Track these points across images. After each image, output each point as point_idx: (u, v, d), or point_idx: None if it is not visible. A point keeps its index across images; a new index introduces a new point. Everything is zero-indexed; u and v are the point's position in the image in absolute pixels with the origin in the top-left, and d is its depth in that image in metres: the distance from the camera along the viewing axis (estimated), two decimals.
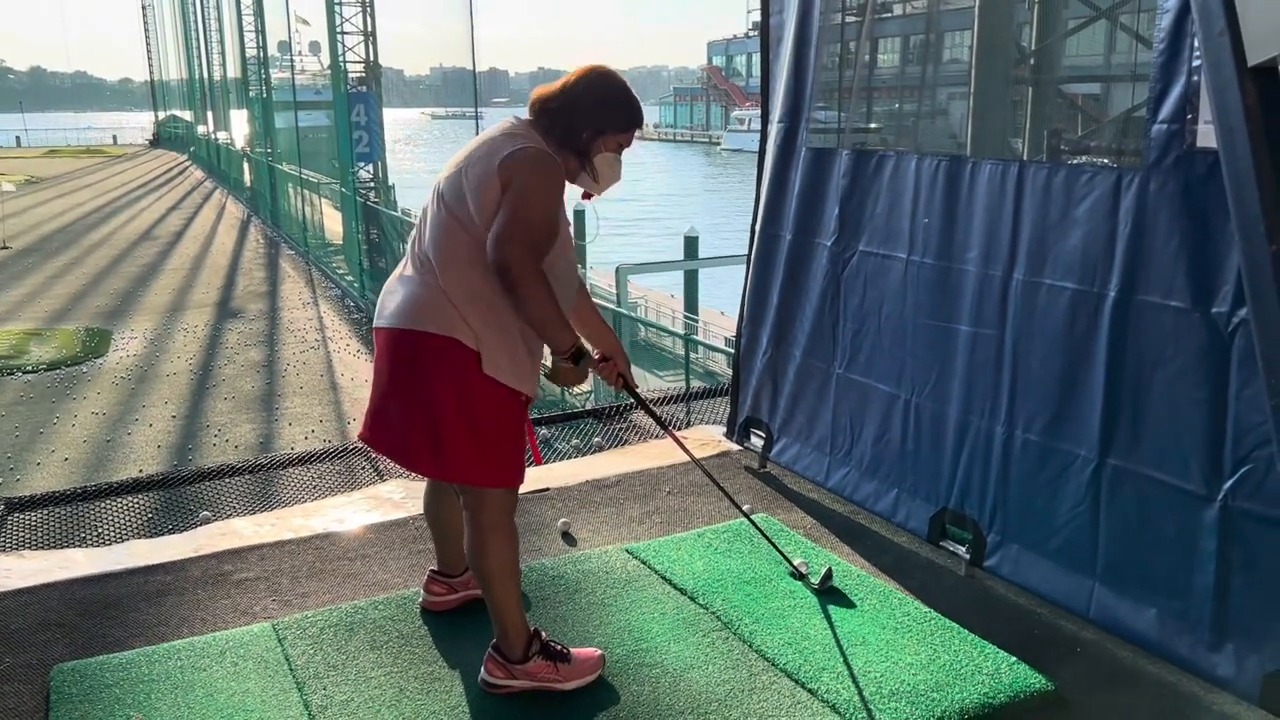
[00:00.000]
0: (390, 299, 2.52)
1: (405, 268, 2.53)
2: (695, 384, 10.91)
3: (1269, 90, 2.19)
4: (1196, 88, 2.44)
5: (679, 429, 5.02)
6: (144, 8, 65.00)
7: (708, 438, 4.53)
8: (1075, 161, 3.02)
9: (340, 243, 23.05)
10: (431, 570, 2.96)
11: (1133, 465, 2.68)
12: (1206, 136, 2.41)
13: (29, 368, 14.98)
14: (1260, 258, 2.19)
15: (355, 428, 12.63)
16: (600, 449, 4.87)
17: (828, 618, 2.91)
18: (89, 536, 3.89)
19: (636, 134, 2.61)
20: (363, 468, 4.71)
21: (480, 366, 2.40)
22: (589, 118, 2.47)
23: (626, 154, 2.61)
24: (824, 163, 3.74)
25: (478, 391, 2.42)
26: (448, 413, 2.42)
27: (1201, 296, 2.46)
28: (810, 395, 3.90)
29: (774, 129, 4.00)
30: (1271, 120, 2.19)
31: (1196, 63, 2.42)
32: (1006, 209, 2.98)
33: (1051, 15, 4.91)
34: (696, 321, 17.59)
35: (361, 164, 21.46)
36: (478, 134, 2.60)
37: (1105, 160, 4.04)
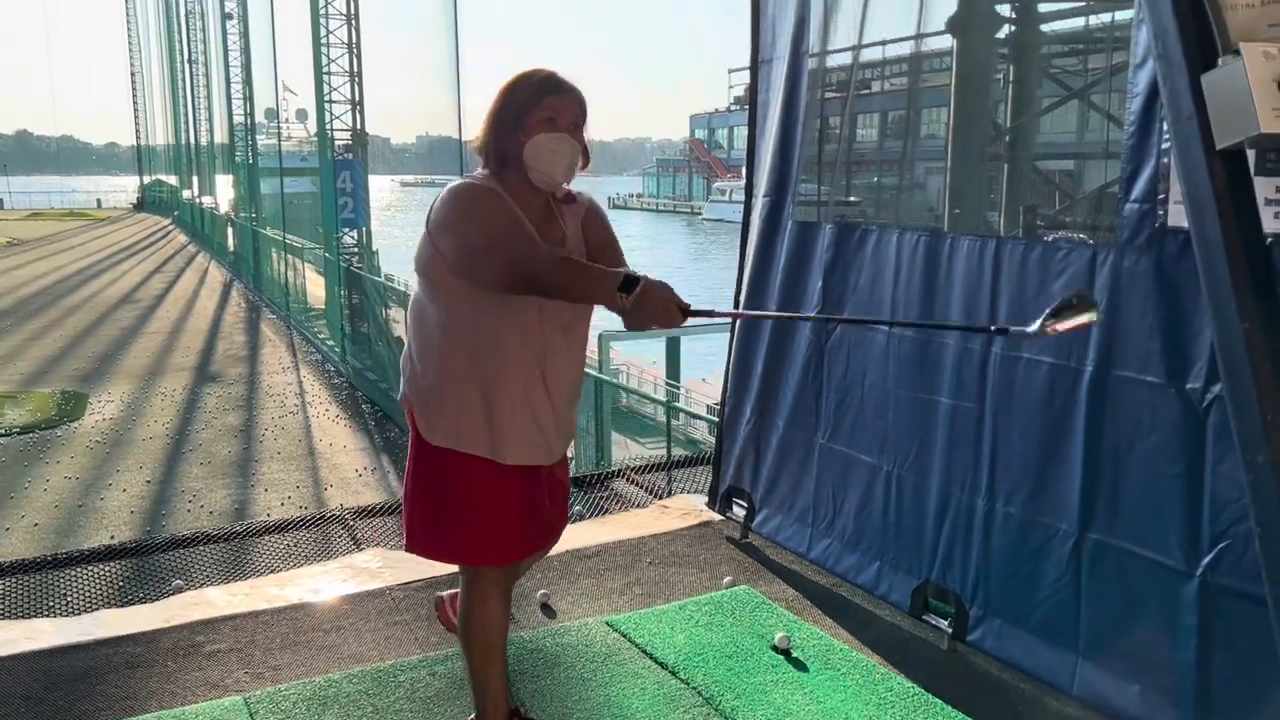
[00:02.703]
0: None
1: None
2: (677, 451, 10.89)
3: (1236, 172, 2.25)
4: (1166, 169, 2.50)
5: (661, 498, 5.00)
6: (133, 74, 65.68)
7: (690, 507, 4.51)
8: (1051, 238, 3.07)
9: (322, 307, 23.05)
10: None
11: (1113, 539, 2.68)
12: (1177, 216, 2.47)
13: (2, 431, 14.78)
14: (1233, 336, 2.22)
15: (332, 494, 12.48)
16: (581, 517, 4.84)
17: (810, 694, 2.88)
18: (57, 606, 3.82)
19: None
20: (339, 536, 4.66)
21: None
22: (504, 120, 2.26)
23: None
24: (808, 236, 3.79)
25: (431, 459, 2.34)
26: (409, 483, 2.41)
27: (1176, 372, 2.50)
28: (793, 465, 3.91)
29: (759, 203, 4.06)
30: (1240, 201, 2.25)
31: (1166, 144, 2.49)
32: (984, 283, 3.03)
33: (1026, 94, 5.05)
34: (678, 389, 17.60)
35: (346, 229, 21.57)
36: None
37: (1081, 235, 4.14)
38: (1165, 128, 2.47)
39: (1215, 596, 2.44)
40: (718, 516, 4.31)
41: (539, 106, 2.25)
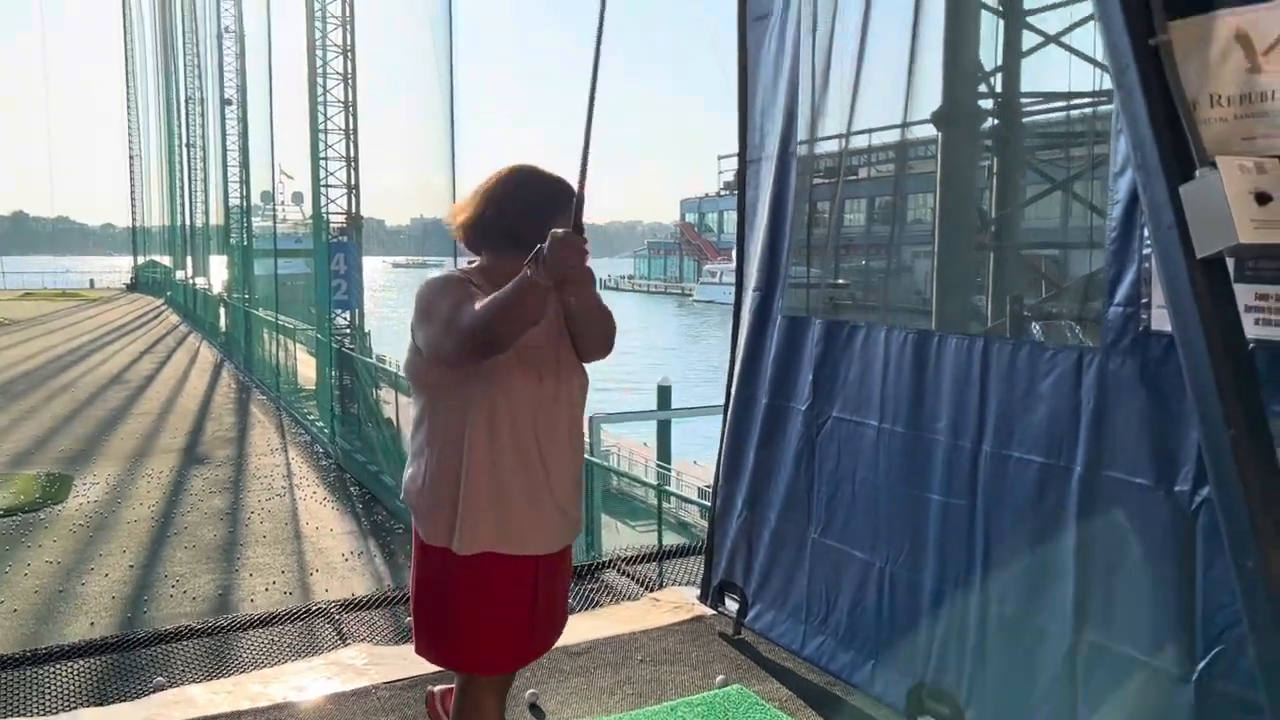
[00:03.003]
0: None
1: None
2: (669, 536, 10.80)
3: (1217, 280, 2.30)
4: (1148, 273, 2.56)
5: (652, 589, 4.95)
6: (131, 157, 66.65)
7: (681, 600, 4.47)
8: (1036, 334, 3.12)
9: (313, 388, 23.04)
10: None
11: (1108, 641, 2.67)
12: (1161, 320, 2.52)
13: None
14: (1219, 441, 2.24)
15: (318, 579, 12.31)
16: (571, 610, 4.77)
17: None
18: (37, 704, 3.73)
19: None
20: (324, 630, 4.59)
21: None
22: (533, 205, 2.30)
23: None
24: (798, 330, 3.84)
25: (432, 563, 2.34)
26: (414, 589, 2.40)
27: (1164, 474, 2.51)
28: (786, 560, 3.88)
29: (749, 296, 4.12)
30: (1221, 308, 2.29)
31: (1148, 250, 2.55)
32: (973, 382, 3.06)
33: (1010, 185, 5.17)
34: (669, 471, 17.54)
35: (339, 310, 21.70)
36: None
37: (1068, 322, 4.20)
38: (1146, 234, 2.53)
39: (1211, 701, 2.42)
40: (710, 611, 4.26)
41: (569, 211, 2.19)
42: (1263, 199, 2.21)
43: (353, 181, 21.98)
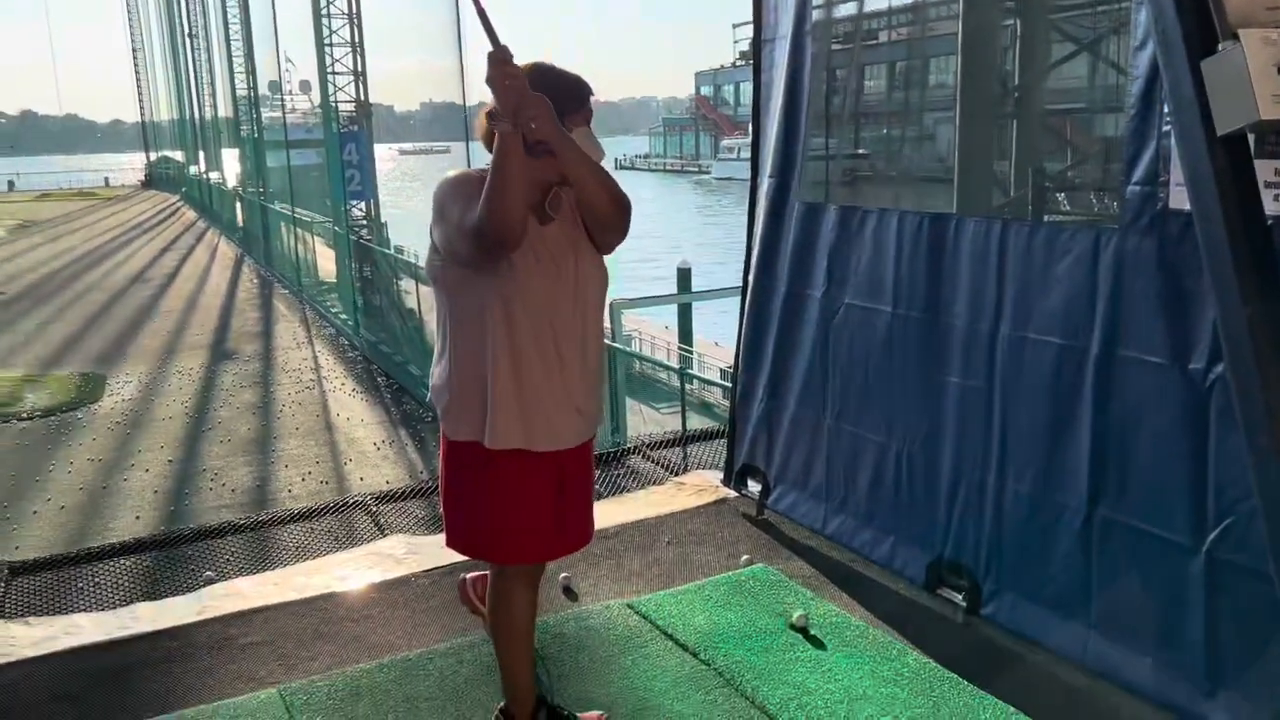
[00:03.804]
0: None
1: None
2: (693, 418, 10.95)
3: (1238, 156, 2.26)
4: (1167, 151, 2.52)
5: (677, 474, 5.07)
6: (134, 50, 65.35)
7: (705, 483, 4.58)
8: (1053, 218, 3.09)
9: (334, 281, 23.13)
10: None
11: (1120, 516, 2.74)
12: (1179, 198, 2.49)
13: (24, 415, 14.97)
14: (1236, 319, 2.25)
15: (352, 469, 12.64)
16: (600, 496, 4.92)
17: (829, 672, 2.95)
18: (93, 601, 3.92)
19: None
20: (363, 522, 4.75)
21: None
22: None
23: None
24: (814, 217, 3.82)
25: (460, 458, 2.40)
26: (443, 484, 2.48)
27: (1179, 353, 2.53)
28: (804, 444, 3.96)
29: (765, 183, 4.08)
30: (1241, 185, 2.27)
31: (1166, 127, 2.51)
32: (990, 265, 3.05)
33: (1033, 48, 5.01)
34: (691, 354, 17.65)
35: (354, 202, 21.58)
36: (468, 166, 2.55)
37: (1091, 192, 4.13)
38: (1166, 110, 2.49)
39: (1221, 572, 2.50)
40: (734, 493, 4.38)
41: (582, 111, 2.33)
42: None
43: (359, 68, 21.55)
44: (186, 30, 42.07)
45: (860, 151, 4.21)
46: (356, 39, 21.38)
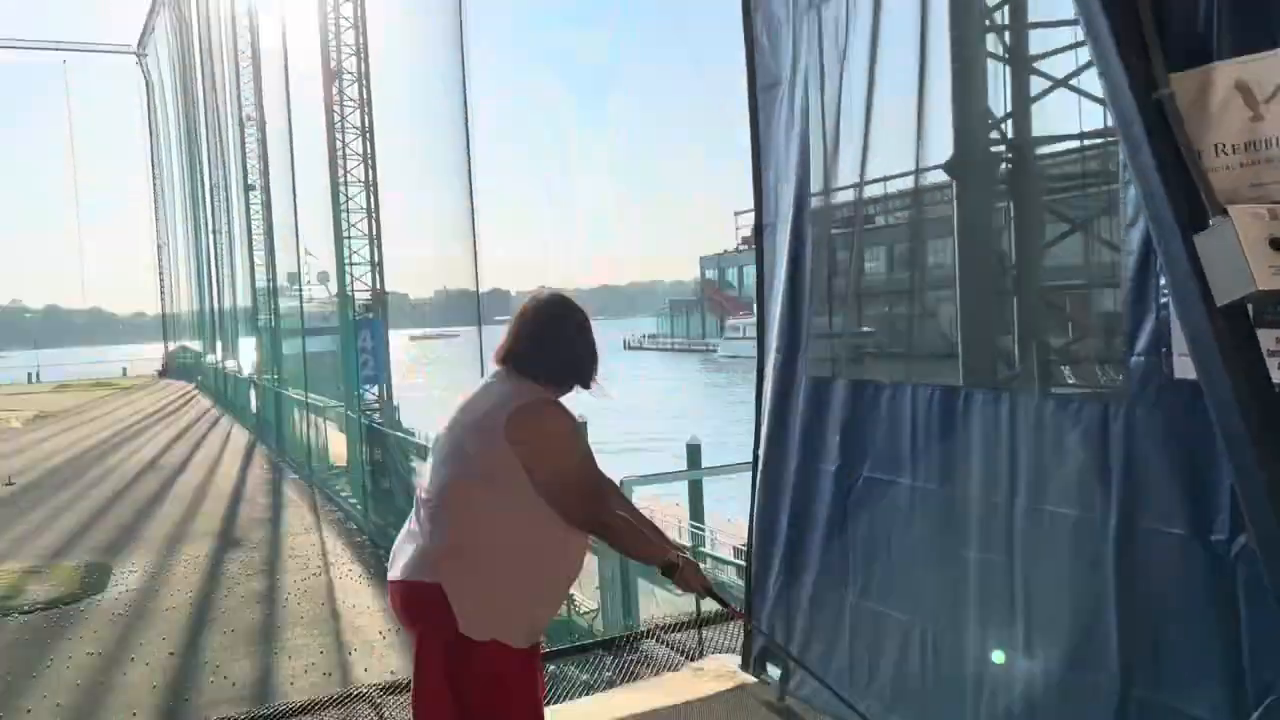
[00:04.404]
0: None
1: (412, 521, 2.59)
2: (707, 602, 10.66)
3: (1239, 327, 2.30)
4: (1167, 322, 2.56)
5: (693, 658, 4.90)
6: (159, 246, 68.07)
7: (724, 669, 4.42)
8: (1059, 390, 3.11)
9: (344, 465, 23.15)
10: None
11: (1157, 697, 2.62)
12: (1184, 367, 2.51)
13: (25, 608, 14.68)
14: (1255, 485, 2.23)
15: (356, 659, 12.26)
16: (612, 684, 4.74)
17: None
18: None
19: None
20: (365, 714, 4.58)
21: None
22: (588, 353, 2.65)
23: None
24: (823, 392, 3.85)
25: (470, 655, 2.42)
26: (429, 683, 2.47)
27: (1200, 524, 2.49)
28: (826, 624, 3.85)
29: (772, 358, 4.14)
30: (1246, 354, 2.29)
31: (1164, 299, 2.56)
32: (1002, 437, 3.05)
33: (1028, 228, 5.17)
34: (704, 531, 17.41)
35: (367, 386, 21.87)
36: (480, 351, 2.75)
37: (1096, 364, 4.16)
38: (1162, 283, 2.54)
39: None
40: (753, 679, 4.22)
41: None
42: (1277, 245, 2.22)
43: (376, 259, 22.32)
44: (210, 226, 43.88)
45: (865, 329, 4.29)
46: (374, 232, 22.27)
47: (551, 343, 2.56)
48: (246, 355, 39.97)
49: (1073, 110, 5.04)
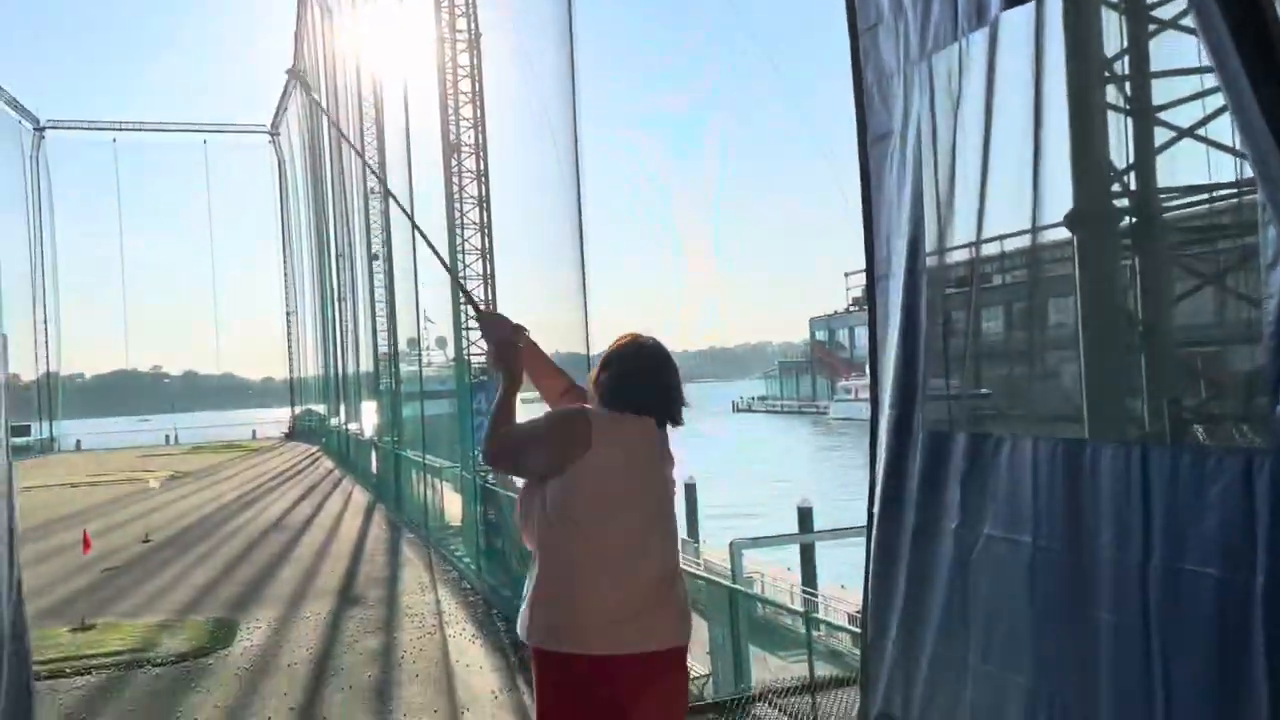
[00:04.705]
0: None
1: None
2: (820, 666, 10.38)
3: None
4: None
5: None
6: (288, 314, 71.38)
7: None
8: (1200, 436, 2.95)
9: (459, 524, 23.51)
10: None
11: None
12: None
13: (158, 660, 15.26)
14: None
15: (469, 717, 12.30)
16: None
17: None
18: None
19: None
20: None
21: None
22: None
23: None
24: (941, 446, 3.75)
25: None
26: None
27: None
28: (947, 688, 3.70)
29: (886, 414, 4.06)
30: None
31: None
32: (1134, 492, 2.91)
33: (1155, 283, 4.96)
34: (816, 597, 17.02)
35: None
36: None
37: (1233, 422, 3.94)
38: None
39: None
40: None
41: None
42: None
43: None
44: (336, 294, 45.79)
45: (983, 391, 4.18)
46: (490, 298, 22.87)
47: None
48: (368, 418, 41.27)
49: (1200, 161, 4.86)
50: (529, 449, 2.93)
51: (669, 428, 2.99)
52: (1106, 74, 4.28)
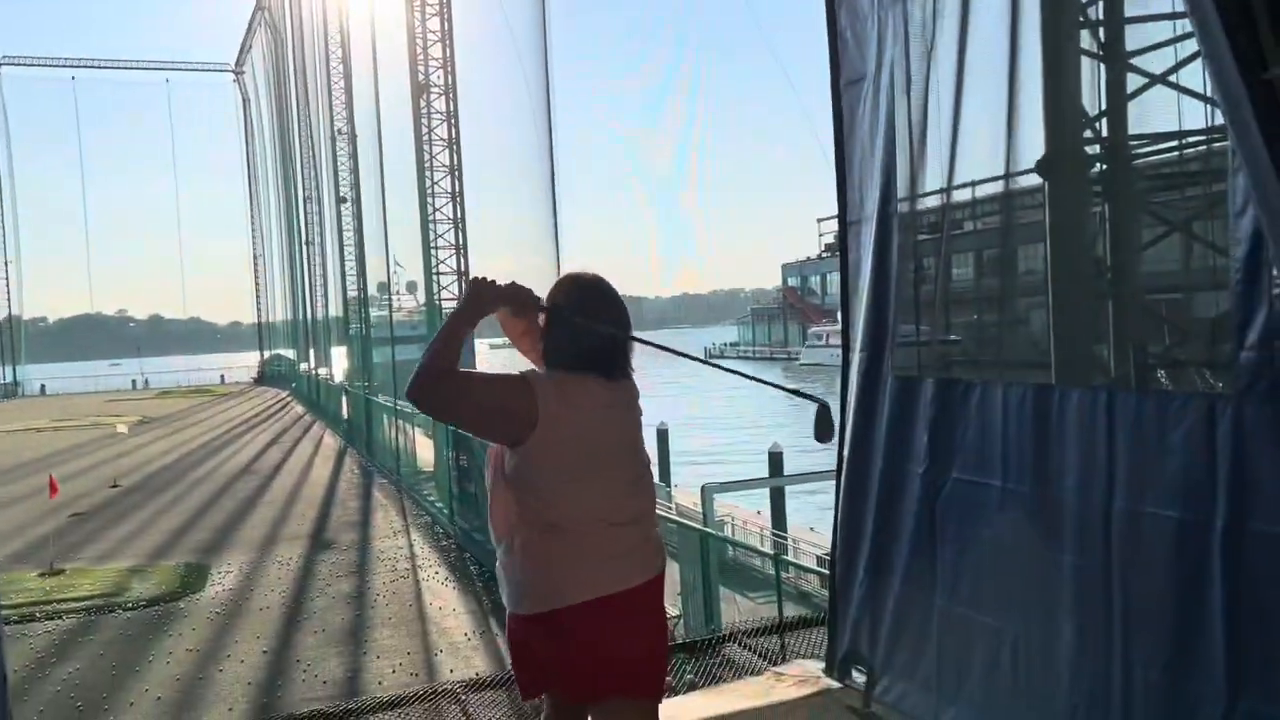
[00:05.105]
0: None
1: None
2: (788, 608, 10.56)
3: None
4: (1279, 314, 2.44)
5: (775, 663, 4.85)
6: (255, 257, 70.44)
7: (806, 673, 4.36)
8: (1164, 385, 2.99)
9: (431, 469, 23.54)
10: None
11: (1268, 709, 2.49)
12: None
13: (129, 605, 15.26)
14: None
15: (442, 659, 12.42)
16: (694, 686, 4.72)
17: None
18: None
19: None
20: (450, 711, 4.63)
21: None
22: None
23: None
24: (910, 392, 3.78)
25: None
26: None
27: None
28: (913, 628, 3.77)
29: (856, 358, 4.08)
30: None
31: (1276, 290, 2.44)
32: (1099, 436, 2.95)
33: (1123, 230, 4.99)
34: (785, 540, 17.25)
35: None
36: None
37: (1196, 368, 4.00)
38: (1275, 273, 2.43)
39: None
40: (837, 684, 4.15)
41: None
42: None
43: (462, 268, 22.72)
44: (304, 238, 45.19)
45: (952, 337, 4.20)
46: (460, 242, 22.69)
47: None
48: (338, 363, 41.02)
49: (1172, 108, 4.86)
50: (464, 412, 2.77)
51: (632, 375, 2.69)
52: (1081, 19, 4.25)
